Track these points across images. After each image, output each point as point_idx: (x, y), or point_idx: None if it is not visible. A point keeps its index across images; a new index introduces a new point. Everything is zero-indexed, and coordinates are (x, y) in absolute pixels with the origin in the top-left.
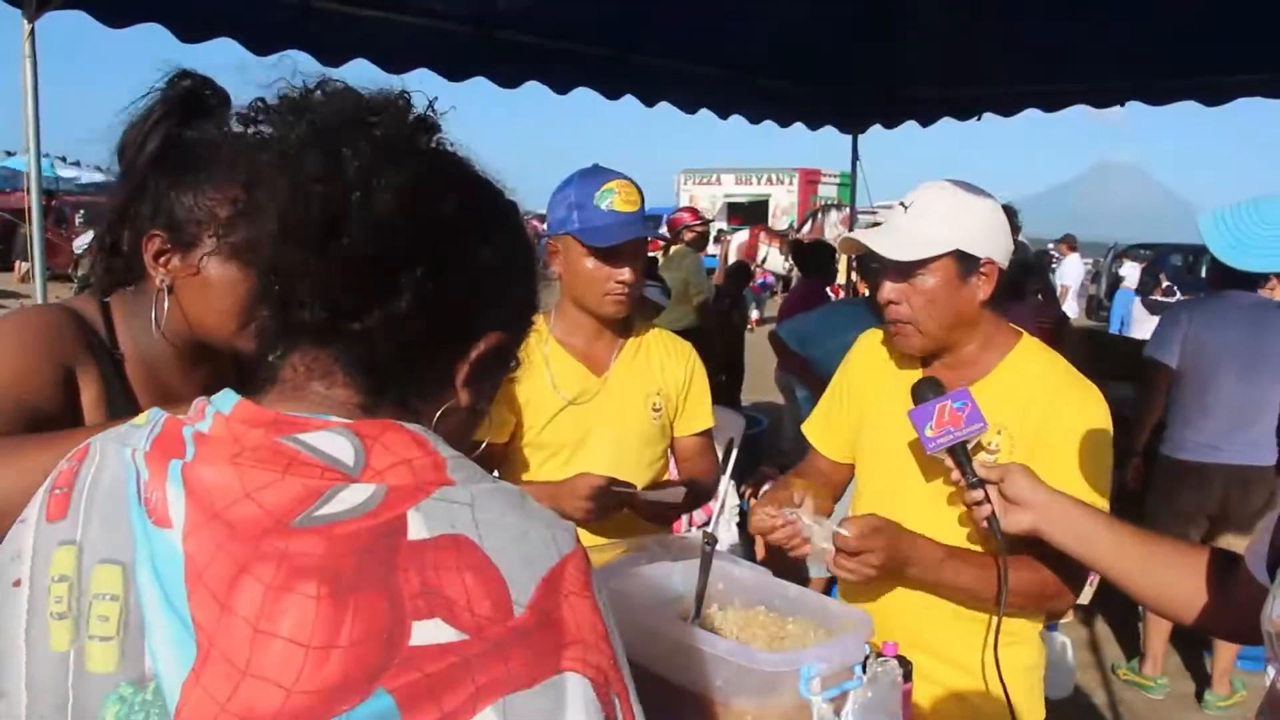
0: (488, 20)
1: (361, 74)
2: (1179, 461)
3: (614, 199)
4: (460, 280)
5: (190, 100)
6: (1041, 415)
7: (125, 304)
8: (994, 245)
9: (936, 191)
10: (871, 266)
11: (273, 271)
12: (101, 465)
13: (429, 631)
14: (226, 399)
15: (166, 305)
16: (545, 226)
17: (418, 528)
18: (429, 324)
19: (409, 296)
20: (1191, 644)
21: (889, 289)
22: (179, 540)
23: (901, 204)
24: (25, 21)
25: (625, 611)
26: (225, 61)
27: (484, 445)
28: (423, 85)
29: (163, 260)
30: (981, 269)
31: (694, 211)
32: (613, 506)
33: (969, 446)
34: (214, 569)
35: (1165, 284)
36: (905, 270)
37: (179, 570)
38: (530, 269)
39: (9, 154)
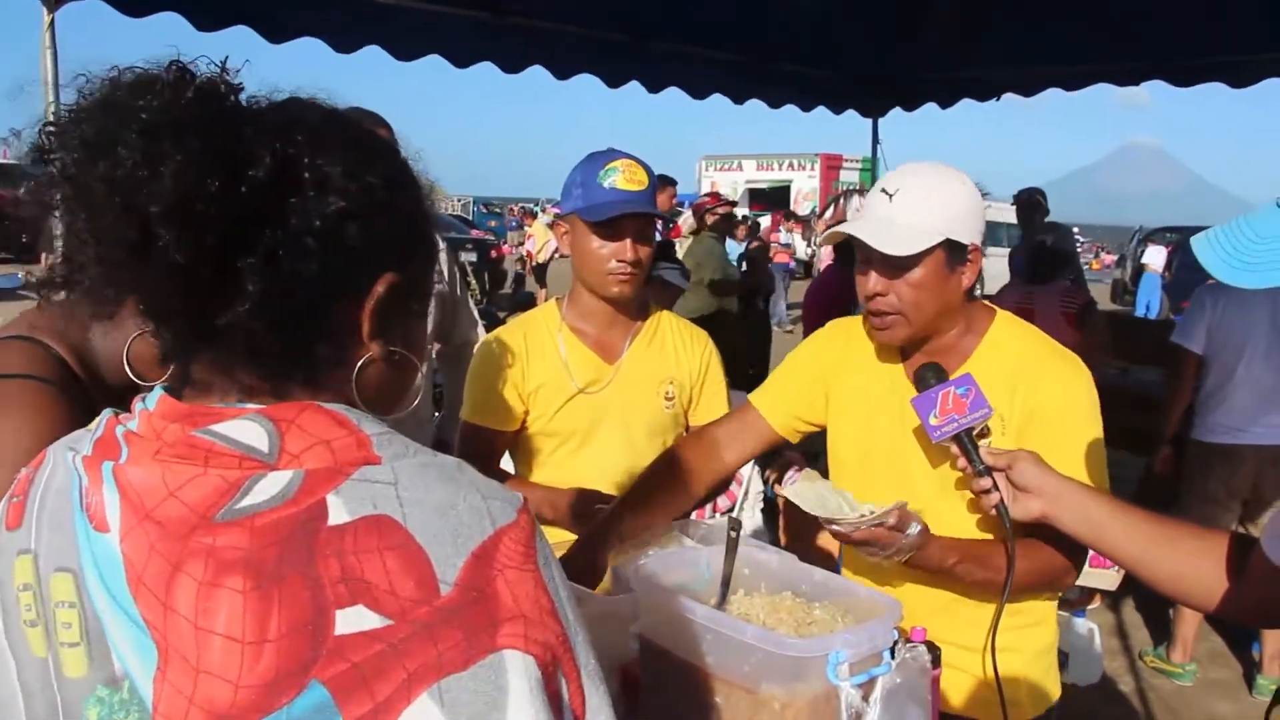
0: (499, 4)
1: (377, 61)
2: (1208, 445)
3: (617, 177)
4: (312, 241)
5: None
6: (1028, 394)
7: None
8: (978, 230)
9: (920, 177)
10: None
11: (133, 291)
12: (52, 472)
13: (352, 619)
14: (153, 395)
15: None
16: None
17: (338, 511)
18: (296, 298)
19: (256, 281)
20: (1224, 631)
21: (877, 282)
22: (117, 544)
23: (884, 190)
24: (46, 13)
25: (652, 597)
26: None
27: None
28: (430, 71)
29: None
30: (969, 256)
31: (716, 196)
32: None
33: (974, 433)
34: (151, 570)
35: None
36: (895, 263)
37: (120, 574)
38: (405, 196)
39: None
